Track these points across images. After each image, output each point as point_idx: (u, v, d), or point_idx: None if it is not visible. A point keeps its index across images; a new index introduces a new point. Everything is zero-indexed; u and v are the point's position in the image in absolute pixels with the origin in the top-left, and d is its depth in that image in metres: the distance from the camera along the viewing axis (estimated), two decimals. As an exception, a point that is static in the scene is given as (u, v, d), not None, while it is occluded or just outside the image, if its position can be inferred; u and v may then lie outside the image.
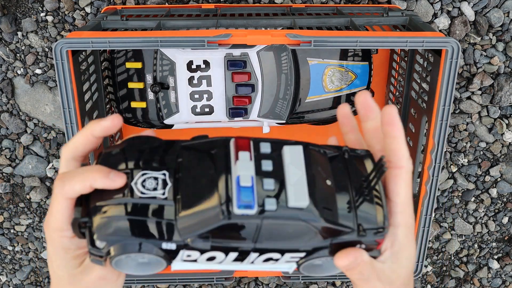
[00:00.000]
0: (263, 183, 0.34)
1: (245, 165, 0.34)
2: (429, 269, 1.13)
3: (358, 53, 0.78)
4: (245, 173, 0.34)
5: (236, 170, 0.34)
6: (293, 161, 0.35)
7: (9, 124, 0.94)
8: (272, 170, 0.34)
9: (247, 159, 0.34)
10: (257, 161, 0.35)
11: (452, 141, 0.97)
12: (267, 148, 0.35)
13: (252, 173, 0.34)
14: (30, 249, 1.07)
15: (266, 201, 0.33)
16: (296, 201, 0.33)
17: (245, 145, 0.35)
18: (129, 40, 0.62)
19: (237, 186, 0.33)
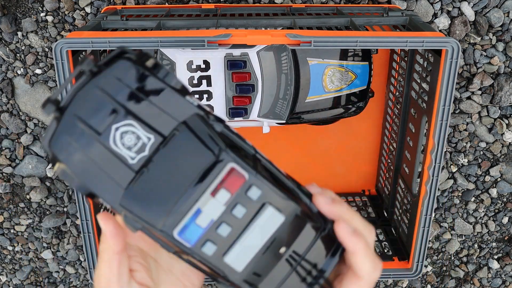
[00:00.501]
0: (220, 226, 0.32)
1: (215, 207, 0.31)
2: (429, 269, 1.13)
3: (358, 53, 0.78)
4: (207, 214, 0.31)
5: (203, 202, 0.31)
6: (264, 226, 0.32)
7: (9, 124, 0.94)
8: (240, 218, 0.32)
9: (222, 201, 0.31)
10: (233, 203, 0.32)
11: (452, 141, 0.97)
12: (255, 194, 0.32)
13: (215, 217, 0.32)
14: (30, 249, 1.07)
15: (206, 244, 0.32)
16: (232, 261, 0.32)
17: (234, 185, 0.32)
18: (129, 40, 0.62)
19: (192, 217, 0.31)
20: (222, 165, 0.31)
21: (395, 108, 0.87)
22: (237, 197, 0.32)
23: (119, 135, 0.31)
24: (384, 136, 0.94)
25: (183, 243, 0.32)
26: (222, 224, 0.32)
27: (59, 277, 1.11)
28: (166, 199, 0.31)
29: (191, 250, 0.32)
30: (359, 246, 0.35)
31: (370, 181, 1.00)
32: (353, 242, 0.35)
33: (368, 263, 0.35)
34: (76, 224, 1.04)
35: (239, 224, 0.32)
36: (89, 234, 0.71)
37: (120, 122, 0.31)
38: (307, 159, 0.97)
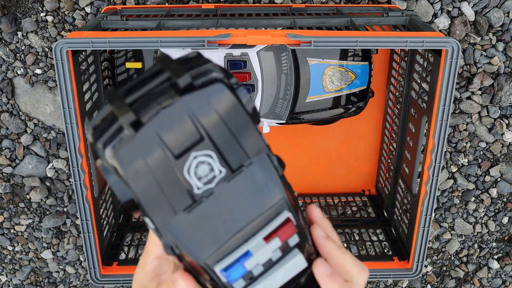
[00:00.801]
0: (255, 268, 0.32)
1: (266, 253, 0.31)
2: (429, 269, 1.13)
3: (358, 53, 0.78)
4: (257, 258, 0.31)
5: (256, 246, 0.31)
6: (289, 269, 0.32)
7: (9, 124, 0.94)
8: (273, 261, 0.32)
9: (273, 248, 0.31)
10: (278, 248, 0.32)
11: (452, 141, 0.97)
12: (293, 242, 0.32)
13: (262, 261, 0.31)
14: (30, 249, 1.07)
15: (238, 282, 0.31)
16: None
17: (286, 234, 0.32)
18: (129, 40, 0.62)
19: (241, 257, 0.31)
20: (279, 211, 0.31)
21: (395, 108, 0.87)
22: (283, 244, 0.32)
23: (195, 164, 0.29)
24: (384, 136, 0.94)
25: (221, 278, 0.31)
26: (258, 266, 0.32)
27: (59, 277, 1.11)
28: (217, 234, 0.30)
29: (224, 284, 0.32)
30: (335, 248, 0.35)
31: (370, 181, 1.00)
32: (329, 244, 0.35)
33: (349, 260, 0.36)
34: (76, 224, 1.04)
35: (270, 265, 0.32)
36: (89, 234, 0.71)
37: (202, 151, 0.29)
38: (307, 159, 0.97)
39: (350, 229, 0.90)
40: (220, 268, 0.31)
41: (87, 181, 0.69)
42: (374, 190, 1.00)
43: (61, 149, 0.96)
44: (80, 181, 0.68)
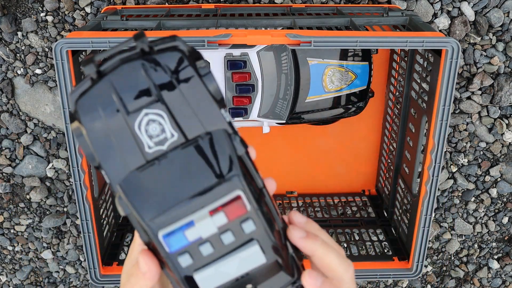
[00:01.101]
0: (204, 244, 0.32)
1: (208, 227, 0.31)
2: (429, 269, 1.13)
3: (358, 53, 0.78)
4: (198, 230, 0.31)
5: (199, 217, 0.31)
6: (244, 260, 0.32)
7: (9, 124, 0.94)
8: (225, 245, 0.32)
9: (217, 224, 0.31)
10: (225, 228, 0.32)
11: (452, 141, 0.97)
12: (249, 228, 0.32)
13: (204, 236, 0.31)
14: (30, 249, 1.07)
15: (184, 255, 0.32)
16: (201, 280, 0.32)
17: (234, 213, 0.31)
18: (129, 40, 0.62)
19: (183, 227, 0.31)
20: (230, 189, 0.31)
21: (395, 108, 0.87)
22: (231, 224, 0.31)
23: (146, 121, 0.30)
24: (384, 136, 0.94)
25: (164, 247, 0.31)
26: (206, 243, 0.31)
27: (59, 277, 1.11)
28: (165, 199, 0.30)
29: (167, 255, 0.32)
30: (316, 246, 0.35)
31: (370, 181, 1.00)
32: (309, 243, 0.35)
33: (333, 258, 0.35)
34: (76, 224, 1.04)
35: (222, 250, 0.32)
36: (89, 234, 0.71)
37: (152, 109, 0.30)
38: (307, 159, 0.97)
39: (350, 229, 0.90)
40: (162, 234, 0.31)
41: (87, 181, 0.69)
42: (374, 190, 1.00)
43: (61, 149, 0.96)
44: (80, 181, 0.68)
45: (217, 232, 0.31)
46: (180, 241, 0.31)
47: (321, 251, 0.35)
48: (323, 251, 0.35)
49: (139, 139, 0.31)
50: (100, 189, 0.77)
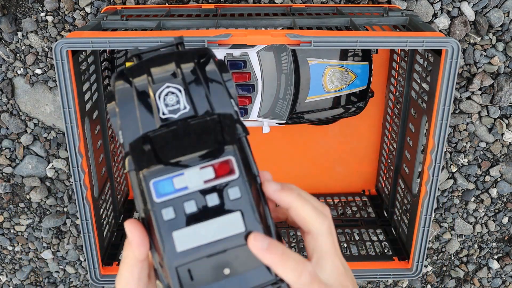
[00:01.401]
0: (188, 201, 0.33)
1: (195, 177, 0.34)
2: (429, 269, 1.13)
3: (358, 53, 0.78)
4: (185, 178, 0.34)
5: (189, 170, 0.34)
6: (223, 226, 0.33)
7: (9, 124, 0.94)
8: (208, 206, 0.33)
9: (204, 177, 0.34)
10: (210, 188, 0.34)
11: (452, 141, 0.97)
12: (234, 195, 0.34)
13: (191, 186, 0.33)
14: (30, 249, 1.07)
15: (168, 208, 0.33)
16: (178, 238, 0.33)
17: (222, 171, 0.34)
18: (129, 40, 0.62)
19: (173, 176, 0.34)
20: (223, 153, 0.34)
21: (395, 108, 0.87)
22: (217, 186, 0.34)
23: (166, 92, 0.36)
24: (384, 136, 0.94)
25: (152, 193, 0.34)
26: (191, 201, 0.33)
27: (59, 277, 1.11)
28: (164, 155, 0.34)
29: (153, 204, 0.33)
30: (291, 198, 0.36)
31: (370, 181, 1.00)
32: (284, 195, 0.36)
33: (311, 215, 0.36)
34: (76, 224, 1.04)
35: (204, 212, 0.34)
36: (89, 234, 0.71)
37: (173, 84, 0.36)
38: (307, 159, 0.97)
39: (350, 229, 0.90)
40: (153, 181, 0.34)
41: (87, 181, 0.69)
42: (374, 190, 1.00)
43: (61, 149, 0.97)
44: (80, 181, 0.68)
45: (202, 189, 0.34)
46: (167, 187, 0.34)
47: (296, 203, 0.37)
48: (299, 203, 0.37)
49: (156, 105, 0.35)
50: (100, 189, 0.77)
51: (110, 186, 0.84)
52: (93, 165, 0.74)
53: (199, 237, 0.33)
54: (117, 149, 0.89)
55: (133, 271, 0.36)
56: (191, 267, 0.33)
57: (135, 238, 0.35)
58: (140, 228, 0.35)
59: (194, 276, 0.34)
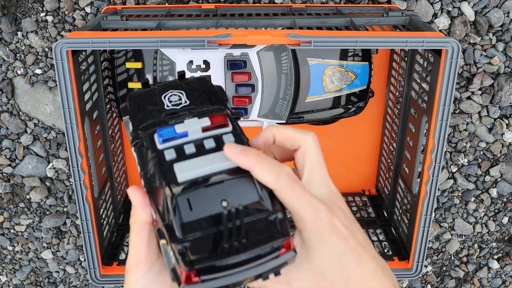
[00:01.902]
0: (188, 144, 0.38)
1: (194, 125, 0.38)
2: (429, 269, 1.13)
3: (358, 53, 0.78)
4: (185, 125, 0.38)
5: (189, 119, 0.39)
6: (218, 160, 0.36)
7: (9, 124, 0.94)
8: (205, 148, 0.37)
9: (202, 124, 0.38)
10: (208, 135, 0.38)
11: (452, 141, 0.97)
12: (227, 140, 0.38)
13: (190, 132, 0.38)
14: (30, 249, 1.07)
15: (170, 150, 0.37)
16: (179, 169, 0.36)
17: (216, 121, 0.39)
18: (129, 40, 0.62)
19: (175, 124, 0.38)
20: (218, 110, 0.40)
21: (395, 108, 0.87)
22: (213, 133, 0.38)
23: (170, 94, 0.42)
24: (384, 136, 0.94)
25: (156, 142, 0.38)
26: (190, 144, 0.38)
27: (59, 277, 1.11)
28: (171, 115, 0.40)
29: (157, 151, 0.37)
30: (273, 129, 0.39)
31: (370, 181, 1.00)
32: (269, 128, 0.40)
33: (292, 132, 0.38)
34: (76, 224, 1.04)
35: (202, 151, 0.37)
36: (89, 234, 0.71)
37: (176, 90, 0.42)
38: (307, 159, 0.97)
39: (350, 229, 0.90)
40: (158, 130, 0.38)
41: (87, 181, 0.69)
42: (374, 190, 1.00)
43: (61, 149, 0.97)
44: (80, 181, 0.68)
45: (201, 136, 0.38)
46: (169, 132, 0.38)
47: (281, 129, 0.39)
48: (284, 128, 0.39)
49: (162, 102, 0.41)
50: (100, 189, 0.77)
51: (110, 186, 0.84)
52: (93, 165, 0.74)
53: (198, 169, 0.36)
54: (117, 149, 0.89)
55: (141, 235, 0.38)
56: (190, 197, 0.35)
57: (138, 200, 0.37)
58: (142, 192, 0.37)
59: (193, 206, 0.35)
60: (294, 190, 0.36)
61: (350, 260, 0.36)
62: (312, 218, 0.36)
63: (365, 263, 0.37)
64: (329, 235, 0.36)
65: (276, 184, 0.36)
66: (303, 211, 0.36)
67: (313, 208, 0.36)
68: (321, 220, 0.36)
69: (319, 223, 0.36)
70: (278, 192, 0.36)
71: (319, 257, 0.36)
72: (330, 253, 0.36)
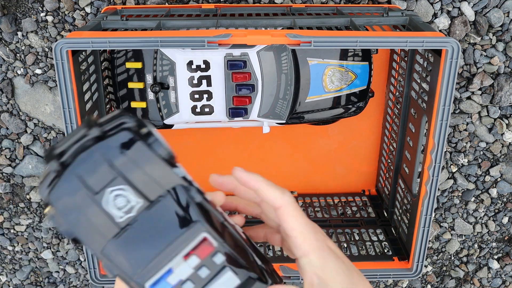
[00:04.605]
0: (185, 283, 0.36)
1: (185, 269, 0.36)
2: (429, 269, 1.13)
3: (358, 53, 0.78)
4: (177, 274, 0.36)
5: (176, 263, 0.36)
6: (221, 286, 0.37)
7: (9, 124, 0.94)
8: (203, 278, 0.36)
9: (192, 265, 0.36)
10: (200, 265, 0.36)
11: (452, 141, 0.97)
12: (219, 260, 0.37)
13: (184, 277, 0.36)
14: (30, 249, 1.07)
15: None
16: None
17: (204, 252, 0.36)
18: (129, 40, 0.62)
19: (164, 275, 0.36)
20: (197, 233, 0.36)
21: (395, 108, 0.87)
22: (204, 261, 0.36)
23: (113, 197, 0.35)
24: (384, 136, 0.94)
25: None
26: (187, 282, 0.36)
27: (59, 277, 1.11)
28: (144, 256, 0.36)
29: None
30: (261, 181, 0.39)
31: (370, 181, 1.00)
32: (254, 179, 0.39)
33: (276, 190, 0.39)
34: (76, 224, 1.04)
35: (202, 282, 0.37)
36: (89, 234, 0.71)
37: (116, 186, 0.35)
38: (307, 159, 0.97)
39: (350, 229, 0.90)
40: (149, 285, 0.36)
41: (87, 181, 0.69)
42: (374, 190, 1.00)
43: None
44: (80, 181, 0.68)
45: (193, 271, 0.36)
46: (165, 286, 0.36)
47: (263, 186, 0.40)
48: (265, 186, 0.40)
49: (109, 214, 0.35)
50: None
51: (110, 186, 0.84)
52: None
53: None
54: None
55: None
56: None
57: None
58: None
59: None
60: (297, 208, 0.39)
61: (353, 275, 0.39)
62: (315, 238, 0.39)
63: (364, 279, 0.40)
64: (329, 256, 0.39)
65: (282, 199, 0.39)
66: (307, 231, 0.39)
67: (313, 230, 0.39)
68: (321, 241, 0.39)
69: (321, 243, 0.39)
70: (283, 209, 0.39)
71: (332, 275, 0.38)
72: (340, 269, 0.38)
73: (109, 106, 0.82)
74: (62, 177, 0.35)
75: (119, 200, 0.35)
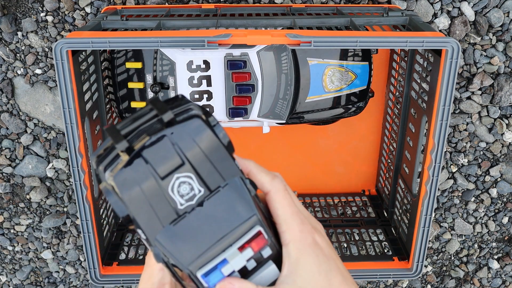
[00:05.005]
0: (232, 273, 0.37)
1: (240, 261, 0.36)
2: (429, 269, 1.13)
3: (358, 53, 0.78)
4: (232, 266, 0.36)
5: (231, 255, 0.36)
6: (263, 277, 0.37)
7: (9, 124, 0.94)
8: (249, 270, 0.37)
9: (246, 257, 0.37)
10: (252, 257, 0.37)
11: (452, 141, 0.97)
12: (266, 253, 0.37)
13: (237, 268, 0.37)
14: (30, 249, 1.07)
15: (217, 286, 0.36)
16: None
17: (258, 245, 0.37)
18: (129, 40, 0.62)
19: (219, 264, 0.36)
20: (252, 226, 0.36)
21: (395, 108, 0.87)
22: (256, 254, 0.37)
23: (178, 184, 0.35)
24: (384, 136, 0.94)
25: (203, 284, 0.36)
26: (234, 272, 0.37)
27: (59, 277, 1.11)
28: (199, 244, 0.36)
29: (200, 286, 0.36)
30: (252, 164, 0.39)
31: (370, 181, 1.00)
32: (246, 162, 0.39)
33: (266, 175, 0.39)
34: (76, 224, 1.04)
35: (248, 274, 0.37)
36: (89, 234, 0.71)
37: (183, 173, 0.36)
38: (307, 159, 0.97)
39: (350, 229, 0.90)
40: (201, 274, 0.36)
41: (87, 181, 0.69)
42: (374, 190, 1.00)
43: (61, 149, 0.97)
44: (80, 181, 0.68)
45: (246, 263, 0.37)
46: (217, 277, 0.36)
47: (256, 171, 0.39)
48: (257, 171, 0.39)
49: (172, 199, 0.35)
50: (100, 189, 0.77)
51: (110, 186, 0.84)
52: (93, 165, 0.74)
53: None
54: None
55: None
56: None
57: None
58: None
59: None
60: (286, 195, 0.38)
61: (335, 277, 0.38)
62: (299, 229, 0.38)
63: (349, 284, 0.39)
64: (310, 250, 0.38)
65: (271, 184, 0.38)
66: (291, 220, 0.38)
67: (300, 219, 0.38)
68: (306, 233, 0.38)
69: (304, 235, 0.38)
70: (271, 194, 0.39)
71: (305, 270, 0.37)
72: (316, 267, 0.37)
73: (109, 106, 0.82)
74: (133, 164, 0.35)
75: (183, 187, 0.35)
